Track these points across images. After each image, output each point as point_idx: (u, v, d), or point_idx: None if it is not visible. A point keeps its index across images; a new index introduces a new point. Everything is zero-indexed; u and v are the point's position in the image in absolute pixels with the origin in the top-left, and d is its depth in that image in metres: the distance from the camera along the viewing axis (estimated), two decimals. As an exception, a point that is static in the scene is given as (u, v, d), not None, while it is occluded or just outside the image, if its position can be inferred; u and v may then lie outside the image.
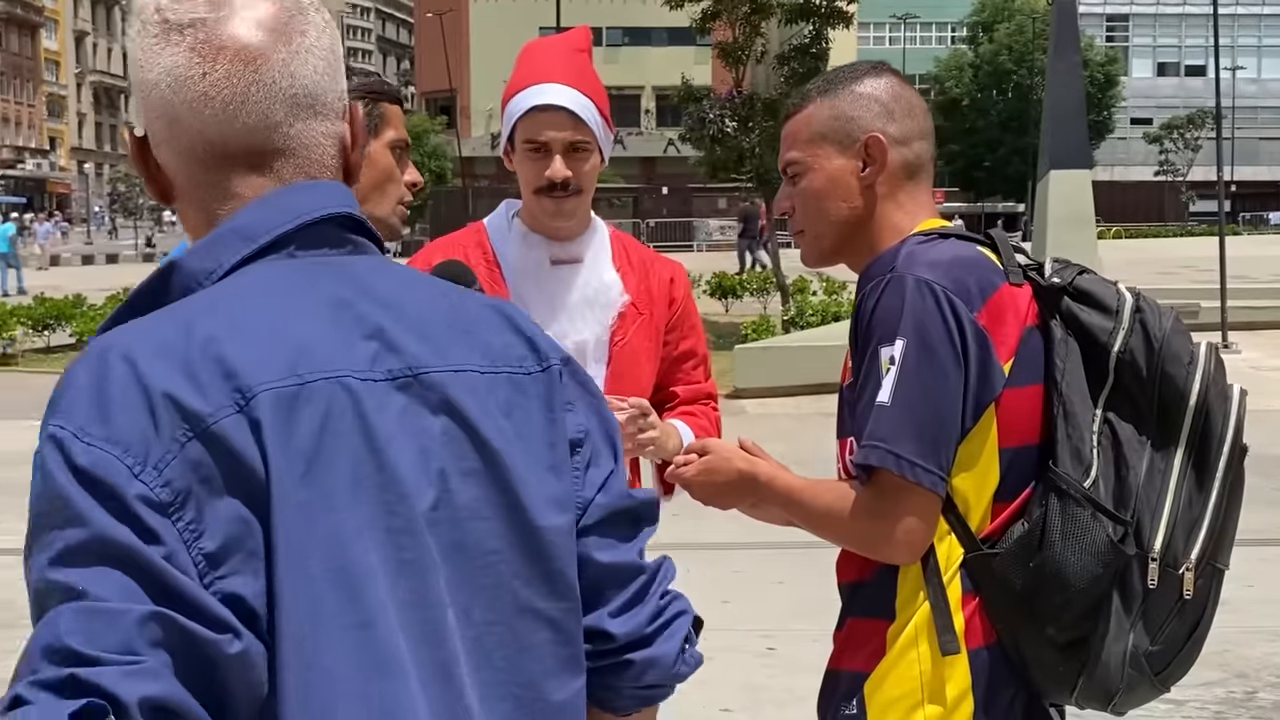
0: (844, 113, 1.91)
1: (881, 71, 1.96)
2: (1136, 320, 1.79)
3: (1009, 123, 64.69)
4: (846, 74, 1.96)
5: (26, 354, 16.47)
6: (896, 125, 1.91)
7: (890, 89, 1.93)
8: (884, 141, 1.89)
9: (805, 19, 18.75)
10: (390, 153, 1.97)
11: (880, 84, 1.94)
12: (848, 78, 1.95)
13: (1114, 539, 1.72)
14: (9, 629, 5.54)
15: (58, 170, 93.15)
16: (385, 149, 1.96)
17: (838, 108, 1.92)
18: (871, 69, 1.97)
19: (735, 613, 5.72)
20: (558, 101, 2.34)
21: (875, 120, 1.90)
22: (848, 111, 1.91)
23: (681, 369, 2.57)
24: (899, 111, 1.92)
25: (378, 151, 1.96)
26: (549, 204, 2.38)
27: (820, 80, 1.99)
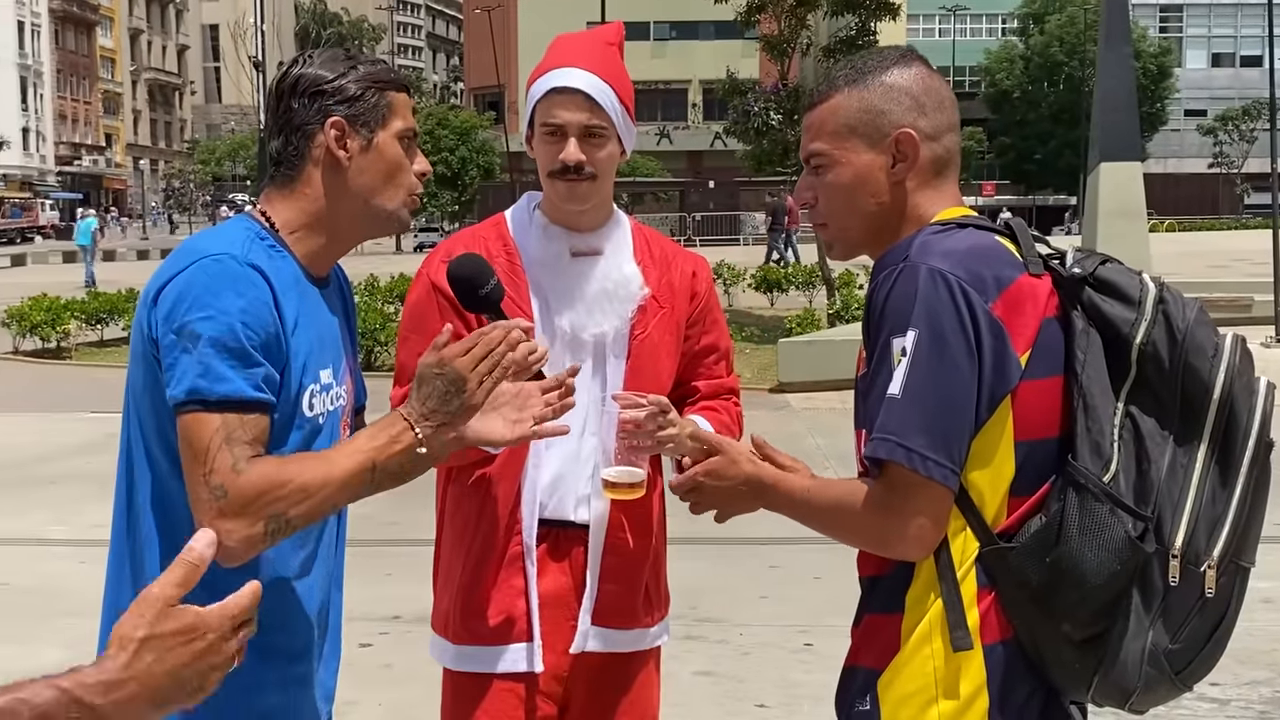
0: (874, 105, 1.84)
1: (910, 60, 1.89)
2: (1159, 311, 1.74)
3: (1060, 115, 63.97)
4: (875, 63, 1.89)
5: (80, 348, 16.72)
6: (927, 119, 1.86)
7: (920, 80, 1.87)
8: (915, 138, 1.84)
9: (851, 11, 18.62)
10: (399, 143, 1.94)
11: (910, 74, 1.86)
12: (876, 67, 1.88)
13: (1133, 535, 1.68)
14: (76, 616, 5.64)
15: (113, 166, 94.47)
16: (393, 139, 1.92)
17: (867, 100, 1.85)
18: (900, 58, 1.89)
19: (772, 609, 5.70)
20: (574, 85, 2.34)
21: (906, 115, 1.84)
22: (878, 105, 1.84)
23: (703, 363, 2.55)
24: (930, 105, 1.86)
25: (386, 142, 1.92)
26: (562, 187, 2.37)
27: (847, 68, 1.91)
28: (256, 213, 1.92)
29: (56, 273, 34.64)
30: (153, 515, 1.83)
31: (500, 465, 2.38)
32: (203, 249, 1.80)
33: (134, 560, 1.87)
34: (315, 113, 1.88)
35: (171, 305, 1.76)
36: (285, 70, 1.93)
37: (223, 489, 1.71)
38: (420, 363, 1.84)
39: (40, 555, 6.76)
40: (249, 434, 1.75)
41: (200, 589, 1.76)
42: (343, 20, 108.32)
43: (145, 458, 1.84)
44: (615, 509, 2.42)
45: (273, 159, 1.93)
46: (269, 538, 1.75)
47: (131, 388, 1.86)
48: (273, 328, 1.78)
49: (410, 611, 5.48)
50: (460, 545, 2.43)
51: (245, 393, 1.74)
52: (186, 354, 1.74)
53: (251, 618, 1.24)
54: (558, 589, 2.41)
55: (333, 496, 1.78)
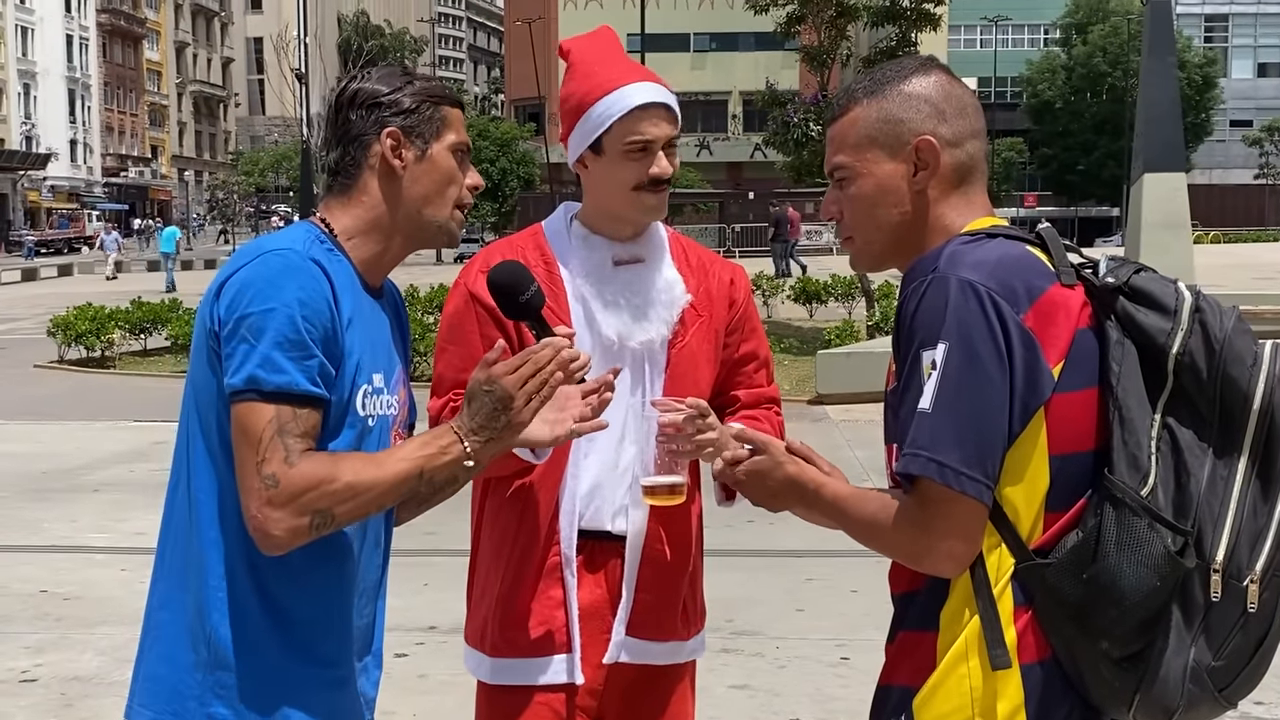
0: (893, 115, 1.83)
1: (930, 68, 1.88)
2: (1196, 320, 1.70)
3: (1103, 126, 63.51)
4: (893, 72, 1.88)
5: (124, 356, 16.92)
6: (948, 126, 1.83)
7: (940, 87, 1.85)
8: (936, 145, 1.82)
9: (892, 22, 18.58)
10: (452, 156, 1.98)
11: (929, 82, 1.84)
12: (895, 76, 1.86)
13: (1172, 550, 1.65)
14: (116, 624, 5.69)
15: (159, 178, 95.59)
16: (447, 152, 1.97)
17: (886, 109, 1.83)
18: (919, 66, 1.88)
19: (808, 621, 5.67)
20: (660, 100, 2.37)
21: (926, 122, 1.83)
22: (896, 113, 1.83)
23: (743, 372, 2.54)
24: (950, 111, 1.84)
25: (439, 154, 1.97)
26: (652, 199, 2.39)
27: (866, 79, 1.90)
28: (317, 219, 1.98)
29: (102, 283, 35.10)
30: (215, 507, 1.86)
31: (539, 475, 2.38)
32: (266, 245, 1.87)
33: (191, 552, 1.89)
34: (372, 124, 1.94)
35: (234, 296, 1.81)
36: (343, 85, 1.99)
37: (274, 478, 1.76)
38: (471, 378, 1.88)
39: (82, 562, 6.83)
40: (301, 427, 1.79)
41: (243, 568, 1.83)
42: (385, 33, 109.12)
43: (205, 453, 1.87)
44: (653, 520, 2.41)
45: (331, 169, 1.98)
46: (313, 530, 1.79)
47: (192, 383, 1.90)
48: (330, 322, 1.83)
49: (446, 622, 5.49)
50: (499, 557, 2.43)
51: (301, 385, 1.79)
52: (246, 344, 1.78)
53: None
54: (594, 600, 2.40)
55: (380, 498, 1.83)
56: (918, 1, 18.25)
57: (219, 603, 1.85)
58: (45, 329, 16.88)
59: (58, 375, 15.76)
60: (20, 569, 6.68)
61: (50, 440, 10.78)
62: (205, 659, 1.86)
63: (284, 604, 1.87)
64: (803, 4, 18.16)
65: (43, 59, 79.39)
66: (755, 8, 19.23)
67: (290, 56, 47.74)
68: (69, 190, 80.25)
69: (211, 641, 1.86)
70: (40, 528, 7.60)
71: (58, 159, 76.93)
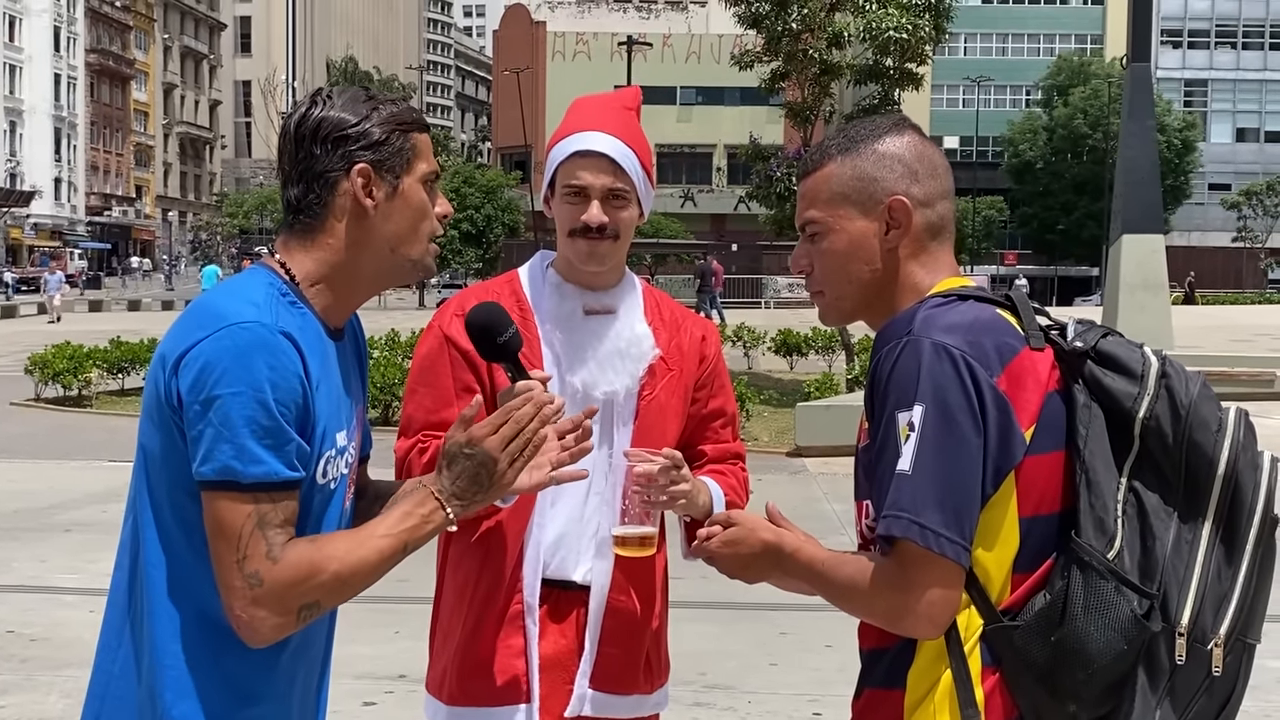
0: (866, 173, 1.85)
1: (903, 128, 1.90)
2: (1162, 385, 1.72)
3: (1083, 186, 64.16)
4: (867, 131, 1.90)
5: (101, 396, 16.81)
6: (920, 186, 1.86)
7: (913, 148, 1.87)
8: (908, 205, 1.84)
9: (875, 81, 18.78)
10: (423, 187, 1.84)
11: (903, 142, 1.86)
12: (869, 135, 1.88)
13: (1138, 613, 1.65)
14: (82, 667, 5.61)
15: (143, 217, 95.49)
16: (418, 184, 1.84)
17: (859, 167, 1.85)
18: (893, 126, 1.90)
19: (781, 676, 5.64)
20: (599, 148, 2.37)
21: (899, 182, 1.85)
22: (870, 172, 1.85)
23: (710, 427, 2.55)
24: (923, 172, 1.86)
25: (411, 188, 1.83)
26: (583, 245, 2.39)
27: (840, 136, 1.92)
28: (275, 263, 1.82)
29: (81, 321, 34.93)
30: (161, 583, 1.75)
31: (504, 522, 2.37)
32: (229, 314, 1.69)
33: (134, 625, 1.79)
34: (339, 159, 1.78)
35: (197, 375, 1.66)
36: (304, 111, 1.81)
37: (258, 577, 1.66)
38: (448, 439, 1.80)
39: (50, 603, 6.75)
40: (281, 515, 1.69)
41: (195, 645, 1.73)
42: (373, 79, 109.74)
43: (154, 524, 1.76)
44: (618, 571, 2.40)
45: (291, 207, 1.82)
46: (300, 622, 1.71)
47: (145, 451, 1.77)
48: (303, 399, 1.71)
49: (416, 670, 5.41)
50: (460, 602, 2.42)
51: (280, 474, 1.68)
52: (216, 430, 1.65)
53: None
54: (557, 651, 2.39)
55: (365, 579, 1.74)
56: (901, 61, 18.47)
57: (172, 682, 1.73)
58: (23, 367, 16.79)
59: (34, 413, 15.65)
60: (-13, 609, 6.59)
61: (22, 479, 10.68)
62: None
63: (237, 679, 1.76)
64: (787, 61, 18.35)
65: (30, 97, 79.57)
66: (740, 64, 19.43)
67: (278, 100, 47.88)
68: (52, 228, 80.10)
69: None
70: (9, 567, 7.51)
71: (41, 197, 76.89)
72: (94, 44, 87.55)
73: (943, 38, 19.33)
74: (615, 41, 58.49)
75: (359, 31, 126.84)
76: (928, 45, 18.54)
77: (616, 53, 56.13)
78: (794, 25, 17.79)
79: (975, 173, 66.97)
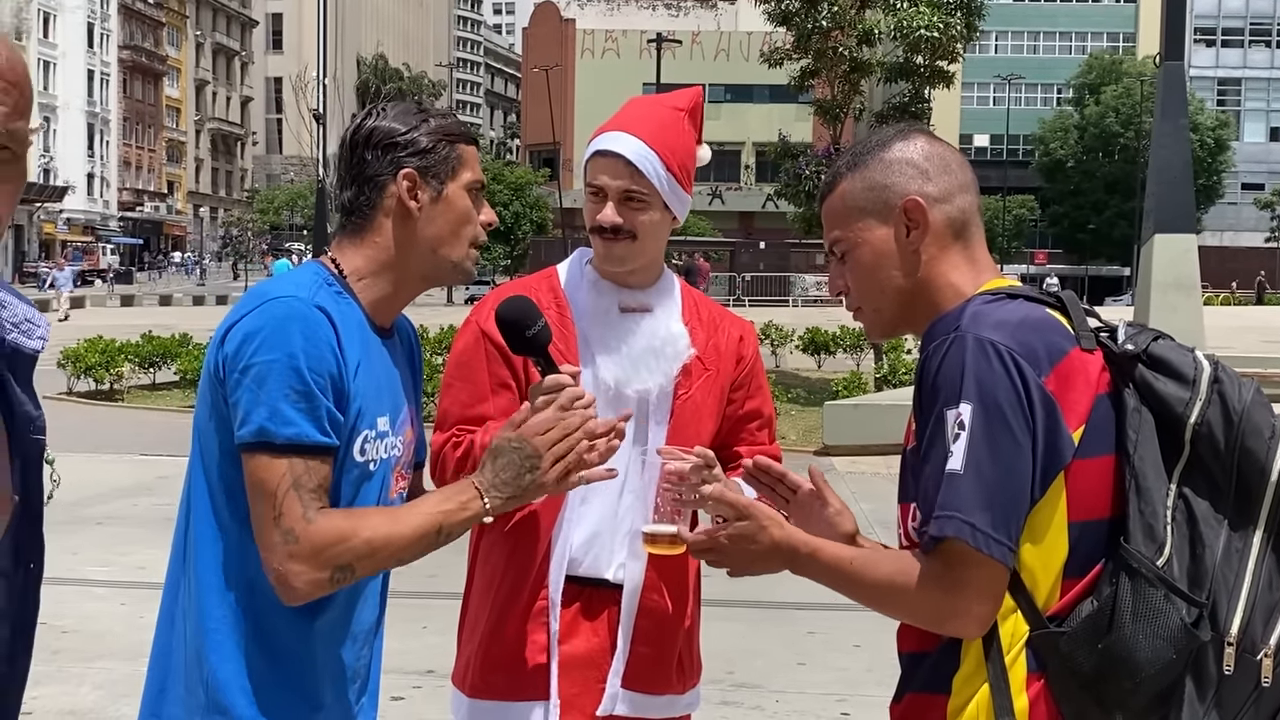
0: (877, 182, 1.86)
1: (908, 134, 1.90)
2: (1215, 391, 1.70)
3: (1114, 185, 63.72)
4: (874, 143, 1.91)
5: (133, 390, 16.95)
6: (933, 184, 1.85)
7: (920, 148, 1.86)
8: (922, 203, 1.83)
9: (905, 78, 18.72)
10: (467, 194, 1.97)
11: (909, 146, 1.87)
12: (876, 146, 1.90)
13: (1188, 622, 1.63)
14: (114, 659, 5.66)
15: (174, 213, 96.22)
16: (462, 191, 1.96)
17: (870, 178, 1.87)
18: (898, 134, 1.91)
19: (809, 675, 5.62)
20: (616, 149, 2.38)
21: (910, 183, 1.84)
22: (880, 180, 1.86)
23: (746, 429, 2.55)
24: (933, 170, 1.85)
25: (455, 194, 1.95)
26: (599, 245, 2.43)
27: (848, 155, 1.94)
28: (327, 260, 1.96)
29: (114, 315, 35.23)
30: (213, 551, 1.86)
31: (533, 517, 2.38)
32: (271, 292, 1.84)
33: (189, 595, 1.89)
34: (388, 164, 1.92)
35: (239, 345, 1.80)
36: (359, 122, 1.96)
37: (293, 534, 1.76)
38: (497, 435, 1.89)
39: (82, 595, 6.80)
40: (314, 480, 1.79)
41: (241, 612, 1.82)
42: (403, 76, 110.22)
43: (206, 496, 1.87)
44: (651, 570, 2.40)
45: (344, 208, 1.96)
46: (333, 584, 1.80)
47: (196, 427, 1.89)
48: (336, 369, 1.82)
49: (445, 665, 5.42)
50: (486, 596, 2.43)
51: (312, 436, 1.78)
52: (252, 394, 1.77)
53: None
54: (589, 649, 2.39)
55: (398, 554, 1.84)
56: (932, 59, 18.39)
57: (216, 645, 1.84)
58: (55, 360, 16.94)
59: (66, 407, 15.78)
60: (20, 600, 6.65)
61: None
62: (203, 702, 1.85)
63: (282, 647, 1.86)
64: (817, 59, 18.32)
65: (63, 93, 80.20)
66: (770, 62, 19.40)
67: (309, 97, 48.20)
68: (84, 224, 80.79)
69: (209, 685, 1.84)
70: (41, 559, 7.58)
71: (74, 192, 77.50)
72: (127, 40, 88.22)
73: (974, 35, 19.23)
74: (644, 39, 58.50)
75: (389, 29, 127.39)
76: (959, 43, 18.46)
77: (645, 50, 56.10)
78: (824, 23, 17.77)
79: (1006, 171, 66.61)
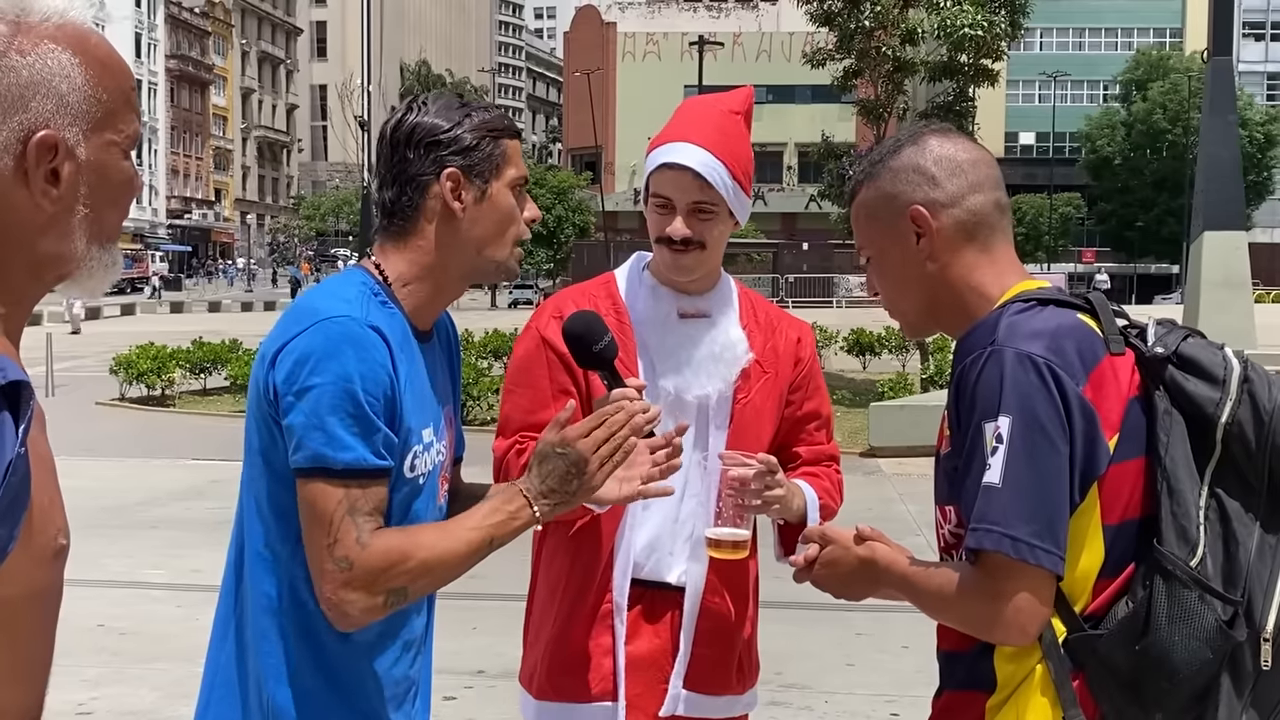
0: (885, 191, 1.89)
1: (919, 137, 1.91)
2: (1244, 390, 1.71)
3: (1163, 182, 62.92)
4: (886, 150, 1.93)
5: (183, 395, 17.18)
6: (940, 189, 1.86)
7: (929, 153, 1.87)
8: (924, 211, 1.85)
9: (949, 77, 18.62)
10: (511, 192, 1.90)
11: (917, 151, 1.88)
12: (886, 154, 1.92)
13: (1223, 622, 1.65)
14: (172, 660, 5.77)
15: (222, 220, 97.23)
16: (506, 189, 1.89)
17: (880, 187, 1.90)
18: (910, 139, 1.92)
19: (858, 677, 5.63)
20: (684, 162, 2.37)
21: (916, 191, 1.86)
22: (888, 189, 1.88)
23: (805, 430, 2.56)
24: (941, 174, 1.86)
25: (499, 192, 1.88)
26: (666, 255, 2.42)
27: (865, 162, 1.97)
28: (370, 264, 1.89)
29: (163, 322, 35.67)
30: (262, 572, 1.82)
31: (597, 523, 2.40)
32: (322, 310, 1.77)
33: (239, 615, 1.87)
34: (431, 164, 1.84)
35: (291, 367, 1.74)
36: (399, 118, 1.87)
37: (348, 561, 1.72)
38: (541, 440, 1.85)
39: (139, 598, 6.92)
40: (370, 503, 1.74)
41: (297, 633, 1.81)
42: (446, 82, 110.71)
43: (256, 515, 1.83)
44: (712, 573, 2.42)
45: (385, 209, 1.89)
46: (387, 607, 1.77)
47: (249, 446, 1.84)
48: (390, 391, 1.77)
49: (495, 666, 5.51)
50: (552, 599, 2.46)
51: (369, 461, 1.74)
52: (307, 419, 1.72)
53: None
54: (651, 651, 2.42)
55: (452, 570, 1.80)
56: (976, 57, 18.29)
57: (273, 669, 1.81)
58: (107, 367, 17.20)
59: (119, 412, 16.03)
60: (79, 603, 6.73)
61: (110, 477, 10.95)
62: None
63: (337, 666, 1.83)
64: (860, 59, 18.26)
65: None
66: (812, 62, 19.36)
67: (354, 104, 48.52)
68: (133, 231, 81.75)
69: (269, 708, 1.81)
70: (99, 563, 7.71)
71: (124, 201, 78.30)
72: (174, 50, 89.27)
73: (1018, 33, 19.09)
74: (686, 41, 58.49)
75: (432, 35, 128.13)
76: (1003, 41, 18.33)
77: (687, 53, 56.13)
78: (867, 23, 17.70)
79: (1052, 169, 65.95)
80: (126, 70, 1.31)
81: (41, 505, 1.14)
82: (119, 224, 1.31)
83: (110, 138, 1.27)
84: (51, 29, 1.24)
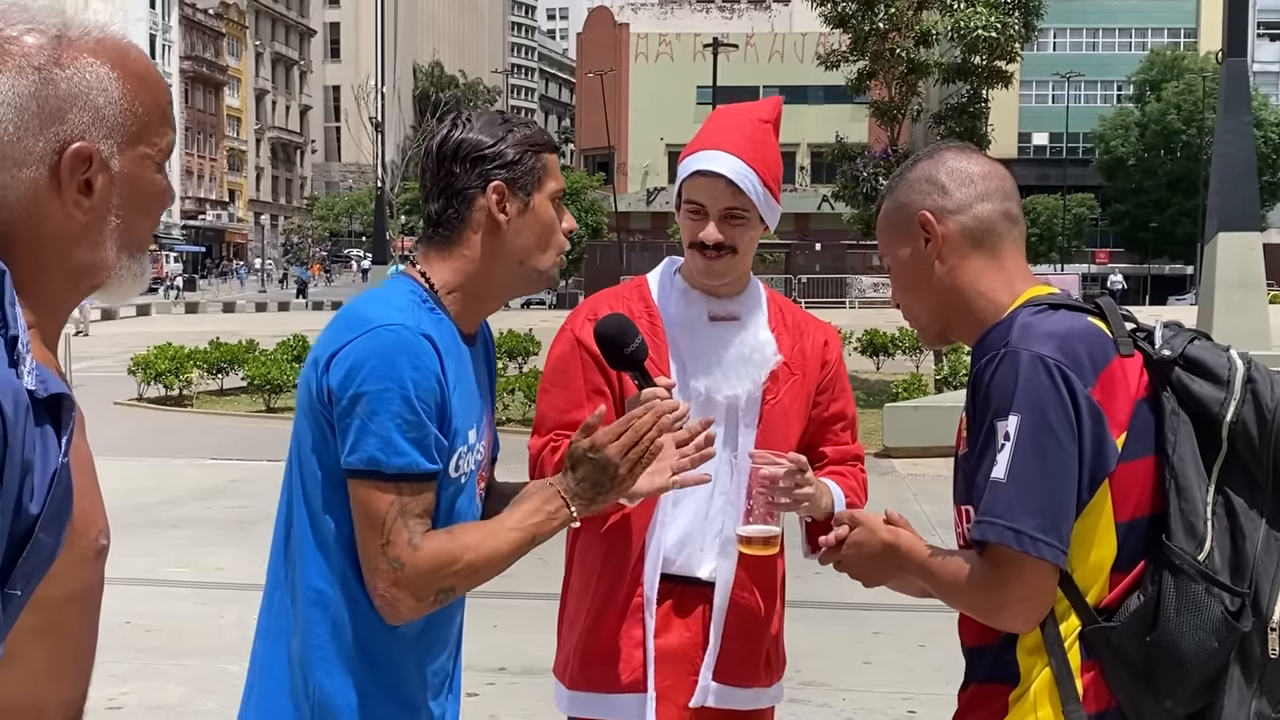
0: (900, 201, 1.99)
1: (936, 152, 2.01)
2: (1248, 390, 1.79)
3: (1177, 183, 62.75)
4: (907, 165, 2.04)
5: (201, 395, 17.30)
6: (949, 197, 1.94)
7: (941, 165, 1.97)
8: (930, 216, 1.94)
9: (963, 78, 18.63)
10: (551, 204, 1.99)
11: (931, 164, 1.98)
12: (906, 168, 2.02)
13: (1230, 613, 1.72)
14: (195, 656, 5.85)
15: (235, 221, 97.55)
16: (547, 201, 1.98)
17: (896, 198, 2.01)
18: (928, 153, 2.02)
19: (875, 675, 5.68)
20: (717, 169, 2.45)
21: (925, 199, 1.95)
22: (902, 199, 1.99)
23: (831, 430, 2.63)
24: (952, 184, 1.95)
25: (540, 204, 1.97)
26: (699, 260, 2.49)
27: (892, 176, 2.07)
28: (416, 273, 1.98)
29: (179, 323, 35.84)
30: (311, 569, 1.89)
31: (628, 519, 2.48)
32: (374, 318, 1.85)
33: (292, 607, 1.93)
34: (476, 177, 1.93)
35: (346, 373, 1.81)
36: (445, 134, 1.97)
37: (400, 562, 1.81)
38: (572, 444, 1.94)
39: (162, 595, 7.00)
40: (421, 506, 1.83)
41: (344, 626, 1.86)
42: (459, 83, 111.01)
43: (306, 513, 1.89)
44: (741, 569, 2.49)
45: (431, 220, 1.98)
46: (436, 604, 1.86)
47: (298, 444, 1.91)
48: (441, 398, 1.85)
49: (517, 663, 5.57)
50: (585, 593, 2.53)
51: (422, 465, 1.82)
52: (363, 423, 1.80)
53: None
54: (681, 643, 2.49)
55: (496, 568, 1.90)
56: (990, 59, 18.30)
57: (320, 661, 1.87)
58: (125, 367, 17.32)
59: (137, 412, 16.15)
60: (105, 600, 6.84)
61: (131, 476, 11.03)
62: (309, 715, 1.89)
63: (383, 658, 1.90)
64: (874, 60, 18.28)
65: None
66: (827, 64, 19.38)
67: (368, 105, 48.70)
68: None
69: (315, 699, 1.88)
70: (121, 561, 7.78)
71: (139, 201, 78.52)
72: (188, 51, 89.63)
73: (1032, 35, 19.09)
74: (699, 42, 58.53)
75: (445, 36, 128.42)
76: (1017, 43, 18.33)
77: (700, 54, 56.17)
78: (881, 24, 17.72)
79: (1065, 170, 65.81)
80: (163, 85, 1.35)
81: (83, 508, 1.20)
82: (149, 234, 1.35)
83: (144, 151, 1.31)
84: (91, 43, 1.28)
